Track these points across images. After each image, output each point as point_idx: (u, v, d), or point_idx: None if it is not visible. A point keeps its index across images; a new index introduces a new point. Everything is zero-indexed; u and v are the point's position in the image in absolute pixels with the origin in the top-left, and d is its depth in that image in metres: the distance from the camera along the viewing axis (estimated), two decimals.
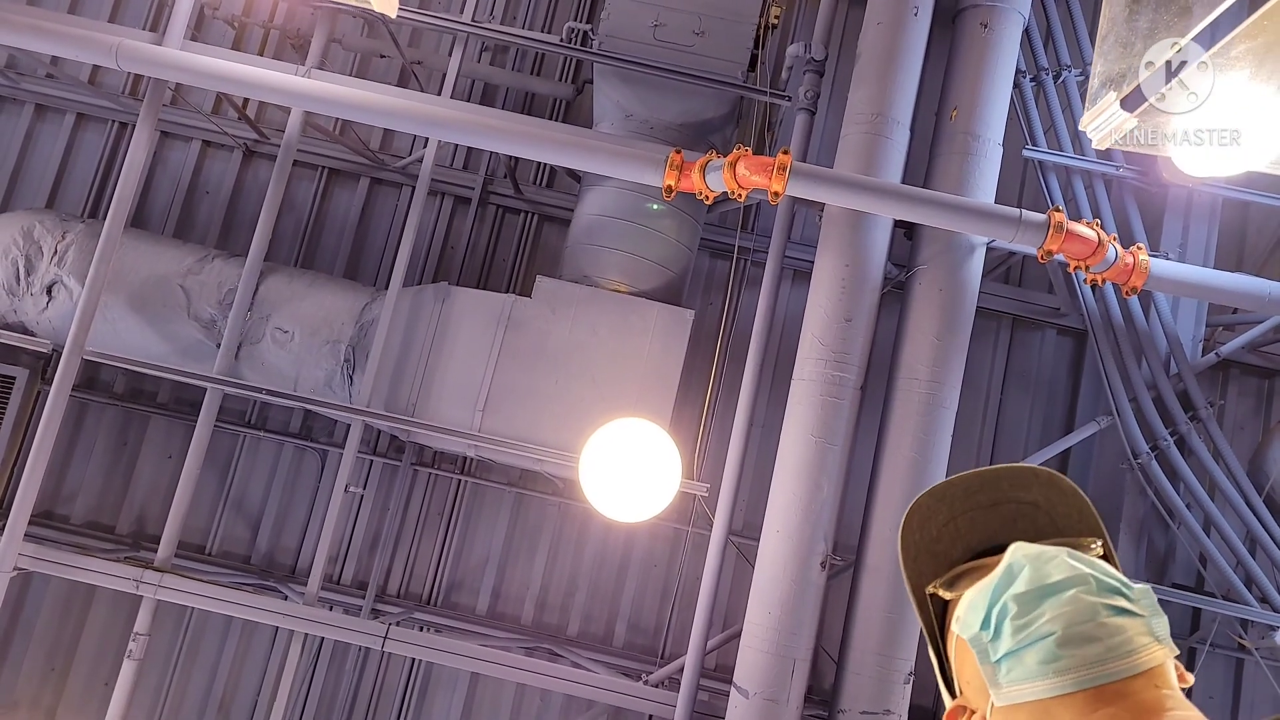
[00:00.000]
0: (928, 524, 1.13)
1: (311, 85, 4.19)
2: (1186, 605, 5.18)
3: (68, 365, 4.28)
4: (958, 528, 1.12)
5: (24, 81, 6.06)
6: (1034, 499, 1.13)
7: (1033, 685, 0.91)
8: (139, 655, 4.42)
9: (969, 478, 1.15)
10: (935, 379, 4.13)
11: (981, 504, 1.13)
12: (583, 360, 4.53)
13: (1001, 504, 1.13)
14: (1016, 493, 1.13)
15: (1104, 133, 1.80)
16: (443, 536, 5.87)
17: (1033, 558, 0.98)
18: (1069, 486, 1.14)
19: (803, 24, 6.21)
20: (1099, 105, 1.72)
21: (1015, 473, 1.14)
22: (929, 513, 1.14)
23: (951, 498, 1.14)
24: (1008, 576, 0.98)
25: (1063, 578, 0.95)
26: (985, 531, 1.11)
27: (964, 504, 1.13)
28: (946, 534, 1.12)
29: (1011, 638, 0.93)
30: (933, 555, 1.12)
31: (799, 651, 3.94)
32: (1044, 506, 1.12)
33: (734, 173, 3.81)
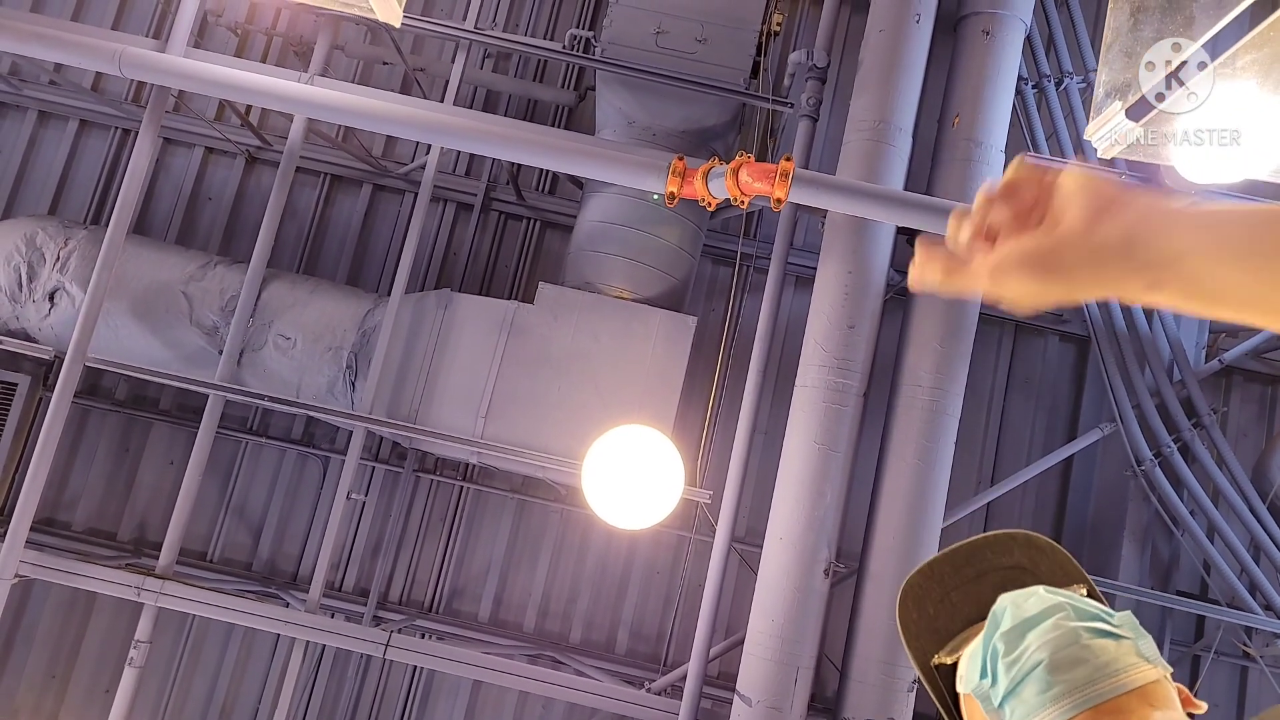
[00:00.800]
0: (923, 603, 1.18)
1: (314, 92, 4.20)
2: (1191, 613, 5.17)
3: (69, 372, 4.28)
4: (953, 603, 1.16)
5: (27, 88, 6.07)
6: (1017, 562, 1.17)
7: (1036, 718, 0.92)
8: (140, 663, 4.41)
9: (954, 553, 1.20)
10: (938, 386, 4.12)
11: (970, 577, 1.17)
12: (585, 367, 4.53)
13: (988, 573, 1.17)
14: (1000, 559, 1.18)
15: (1109, 142, 1.80)
16: (444, 543, 5.85)
17: (1011, 600, 1.02)
18: (1046, 544, 1.18)
19: (805, 31, 6.22)
20: (1104, 115, 1.73)
21: (995, 541, 1.19)
22: (922, 592, 1.18)
23: (941, 575, 1.18)
24: (993, 622, 1.01)
25: (1041, 609, 0.97)
26: (978, 602, 1.14)
27: (954, 579, 1.17)
28: (944, 611, 1.16)
29: (1006, 676, 0.95)
30: (933, 631, 1.16)
31: (802, 659, 3.93)
32: (1029, 567, 1.16)
33: (737, 179, 3.81)
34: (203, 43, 6.00)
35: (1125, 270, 0.72)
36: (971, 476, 5.76)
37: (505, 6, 6.30)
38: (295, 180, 5.77)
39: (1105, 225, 0.73)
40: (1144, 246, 0.71)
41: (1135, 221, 0.72)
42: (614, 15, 4.63)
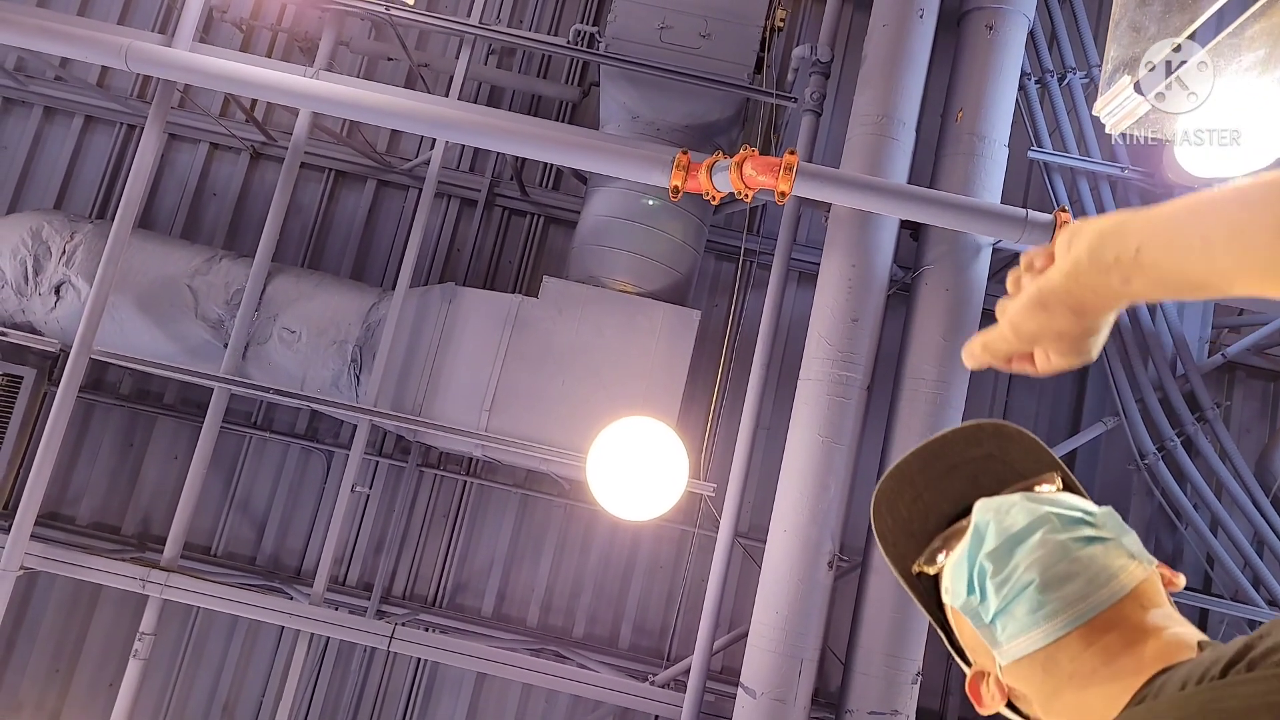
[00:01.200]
0: (896, 507, 1.14)
1: (319, 86, 4.21)
2: (1194, 606, 5.17)
3: (75, 365, 4.29)
4: (925, 502, 1.12)
5: (33, 84, 6.10)
6: (987, 452, 1.13)
7: (1029, 636, 0.91)
8: (144, 655, 4.43)
9: (920, 451, 1.15)
10: (941, 379, 4.13)
11: (940, 472, 1.13)
12: (589, 360, 4.54)
13: (959, 466, 1.13)
14: (969, 451, 1.14)
15: (1118, 117, 1.80)
16: (448, 538, 5.87)
17: (994, 511, 0.99)
18: (1015, 431, 1.15)
19: (808, 26, 6.23)
20: (1113, 90, 1.73)
21: (963, 433, 1.15)
22: (894, 495, 1.14)
23: (910, 475, 1.14)
24: (977, 538, 0.99)
25: (1026, 524, 0.95)
26: (952, 496, 1.12)
27: (924, 478, 1.13)
28: (917, 512, 1.12)
29: (996, 595, 0.94)
30: (909, 535, 1.12)
31: (806, 651, 3.93)
32: (999, 456, 1.13)
33: (741, 173, 3.82)
34: (208, 39, 6.02)
35: (1098, 275, 0.81)
36: None
37: (510, 2, 6.32)
38: (300, 176, 5.79)
39: (1074, 247, 0.83)
40: (1105, 250, 0.80)
41: (1095, 233, 0.82)
42: (618, 10, 4.64)
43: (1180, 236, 0.74)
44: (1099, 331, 0.89)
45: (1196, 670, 0.73)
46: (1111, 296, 0.83)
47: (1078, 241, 0.83)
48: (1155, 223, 0.77)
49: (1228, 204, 0.71)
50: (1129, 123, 1.83)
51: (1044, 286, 0.87)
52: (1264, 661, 0.67)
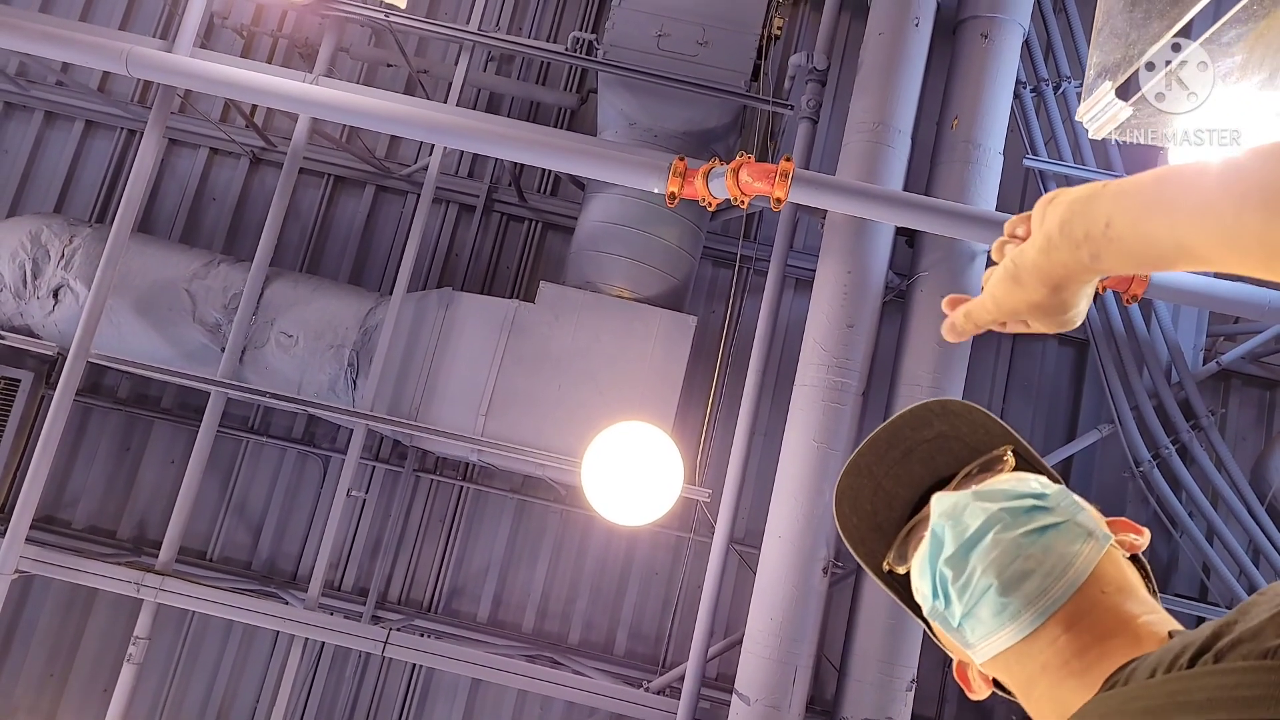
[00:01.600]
0: (859, 502, 1.12)
1: (318, 92, 4.23)
2: (1191, 615, 5.17)
3: (72, 368, 4.30)
4: (887, 491, 1.11)
5: (34, 89, 6.12)
6: (939, 431, 1.12)
7: (997, 637, 0.91)
8: (139, 659, 4.42)
9: (873, 440, 1.14)
10: (937, 385, 4.14)
11: (896, 459, 1.12)
12: (585, 365, 4.55)
13: (914, 450, 1.11)
14: (921, 433, 1.12)
15: (1100, 122, 1.81)
16: (444, 543, 5.87)
17: (948, 514, 0.98)
18: (962, 407, 1.13)
19: (805, 34, 6.26)
20: (1094, 95, 1.74)
21: (912, 416, 1.13)
22: (855, 491, 1.12)
23: (868, 467, 1.12)
24: (936, 543, 0.98)
25: (978, 525, 0.94)
26: (911, 481, 1.10)
27: (881, 467, 1.12)
28: (881, 503, 1.11)
29: (959, 600, 0.93)
30: (876, 529, 1.10)
31: (801, 658, 3.93)
32: (951, 434, 1.12)
33: (737, 179, 3.84)
34: (209, 44, 6.05)
35: (1068, 250, 0.82)
36: None
37: (509, 9, 6.35)
38: (299, 181, 5.81)
39: (1046, 221, 0.84)
40: (1074, 224, 0.81)
41: (1065, 207, 0.83)
42: (616, 18, 4.67)
43: (1148, 210, 0.75)
44: (1077, 303, 0.90)
45: (1166, 657, 0.73)
46: (1082, 270, 0.84)
47: (1050, 215, 0.84)
48: (1124, 196, 0.78)
49: (1195, 176, 0.71)
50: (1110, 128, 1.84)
51: (1018, 261, 0.88)
52: (1231, 653, 0.66)
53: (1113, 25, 1.62)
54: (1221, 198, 0.68)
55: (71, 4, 6.34)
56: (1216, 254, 0.70)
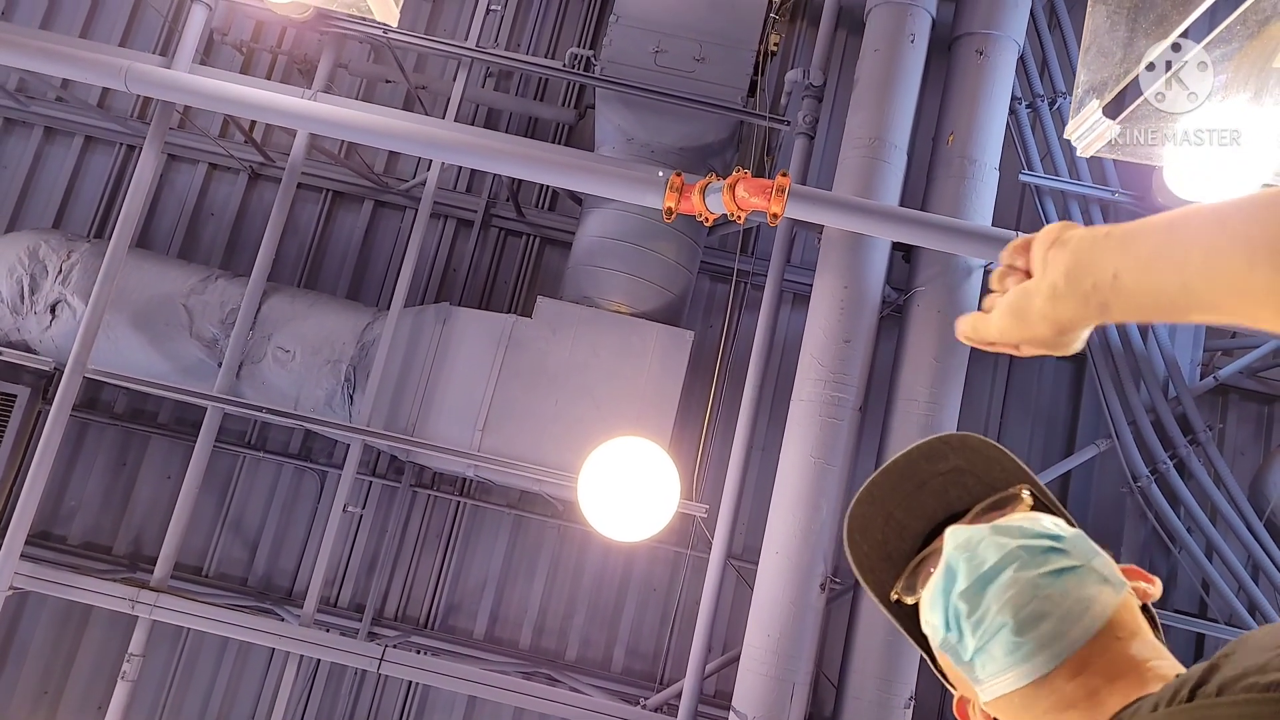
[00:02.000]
0: (869, 530, 1.12)
1: (316, 107, 4.25)
2: (1189, 631, 5.14)
3: (69, 384, 4.29)
4: (899, 522, 1.11)
5: (34, 104, 6.14)
6: (954, 465, 1.12)
7: (1007, 676, 0.90)
8: (133, 676, 4.40)
9: (887, 470, 1.14)
10: (934, 400, 4.14)
11: (909, 490, 1.12)
12: (583, 380, 4.54)
13: (928, 482, 1.11)
14: (936, 465, 1.12)
15: (1088, 140, 1.82)
16: (441, 559, 5.84)
17: (963, 547, 0.97)
18: (980, 442, 1.13)
19: (802, 51, 6.29)
20: (1082, 113, 1.75)
21: (928, 448, 1.13)
22: (866, 520, 1.12)
23: (881, 497, 1.13)
24: (949, 575, 0.97)
25: (995, 561, 0.93)
26: (923, 513, 1.10)
27: (894, 497, 1.12)
28: (891, 533, 1.11)
29: (972, 636, 0.92)
30: (886, 559, 1.10)
31: (798, 675, 3.91)
32: (967, 469, 1.11)
33: (733, 194, 3.85)
34: (208, 60, 6.07)
35: (1076, 302, 0.81)
36: None
37: (507, 25, 6.38)
38: (297, 196, 5.82)
39: (1050, 270, 0.83)
40: (1081, 275, 0.80)
41: (1070, 255, 0.81)
42: (614, 34, 4.69)
43: (1157, 260, 0.73)
44: (1080, 337, 0.89)
45: (1166, 693, 0.73)
46: (1092, 319, 0.83)
47: (1054, 262, 0.83)
48: (1131, 244, 0.76)
49: (1203, 224, 0.70)
50: (1099, 146, 1.84)
51: (1023, 304, 0.88)
52: (1234, 686, 0.67)
53: (1100, 44, 1.63)
54: (1231, 248, 0.67)
55: (72, 20, 6.37)
56: (1228, 305, 0.68)
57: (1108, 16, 1.59)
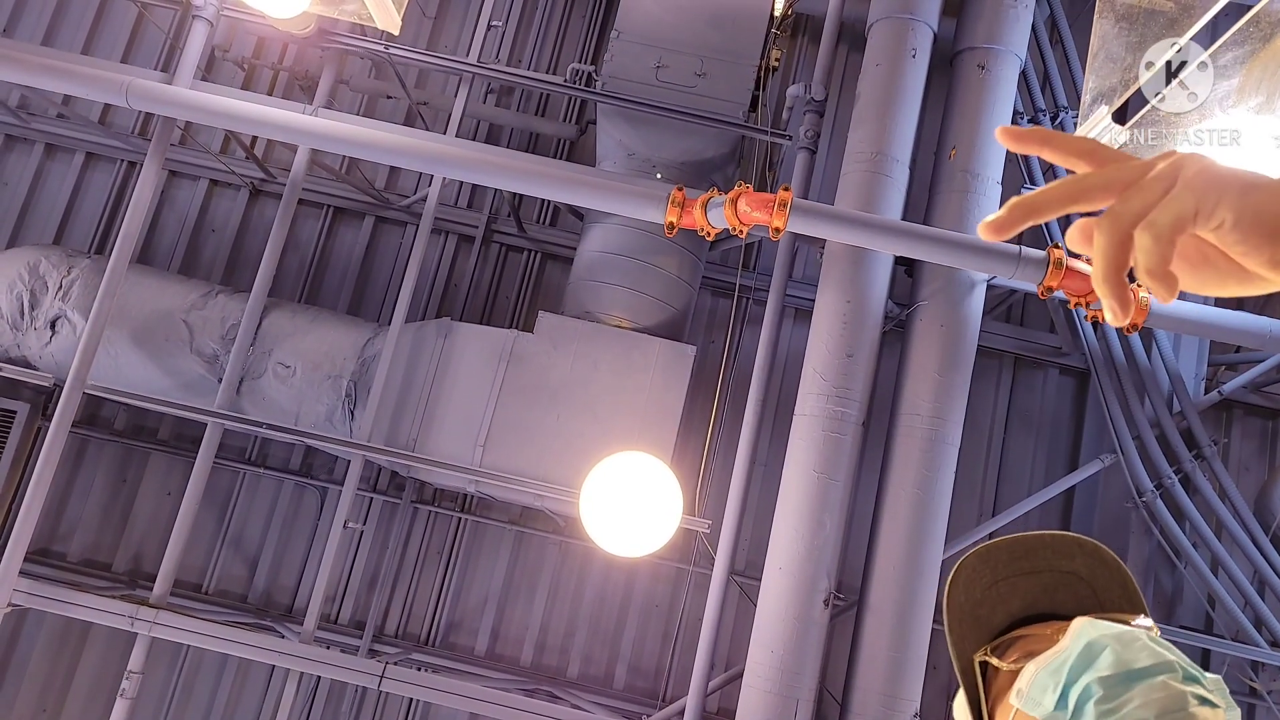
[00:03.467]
0: (972, 587, 1.13)
1: (317, 123, 4.25)
2: (1196, 647, 5.10)
3: (68, 400, 4.28)
4: (999, 593, 1.12)
5: (35, 121, 6.15)
6: (1076, 568, 1.12)
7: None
8: (132, 694, 4.36)
9: (1013, 542, 1.15)
10: (937, 415, 4.11)
11: (1024, 570, 1.13)
12: (584, 396, 4.53)
13: (1043, 571, 1.13)
14: (1059, 561, 1.13)
15: None
16: (442, 575, 5.81)
17: (1114, 639, 0.96)
18: (1112, 559, 1.13)
19: (803, 66, 6.30)
20: (1091, 120, 1.74)
21: (1060, 540, 1.14)
22: (974, 575, 1.13)
23: (995, 561, 1.14)
24: (1087, 657, 0.95)
25: (1151, 663, 0.92)
26: (1026, 598, 1.11)
27: (1007, 569, 1.13)
28: (989, 598, 1.12)
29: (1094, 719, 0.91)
30: (975, 620, 1.11)
31: (802, 691, 3.88)
32: (1085, 577, 1.12)
33: (735, 209, 3.83)
34: (210, 77, 6.09)
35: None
36: (973, 508, 5.73)
37: (509, 41, 6.39)
38: (298, 212, 5.82)
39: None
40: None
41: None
42: (615, 50, 4.70)
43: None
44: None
45: None
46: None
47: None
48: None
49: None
50: None
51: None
52: None
53: (1108, 50, 1.62)
54: None
55: (74, 37, 6.39)
56: None
57: (1115, 23, 1.59)
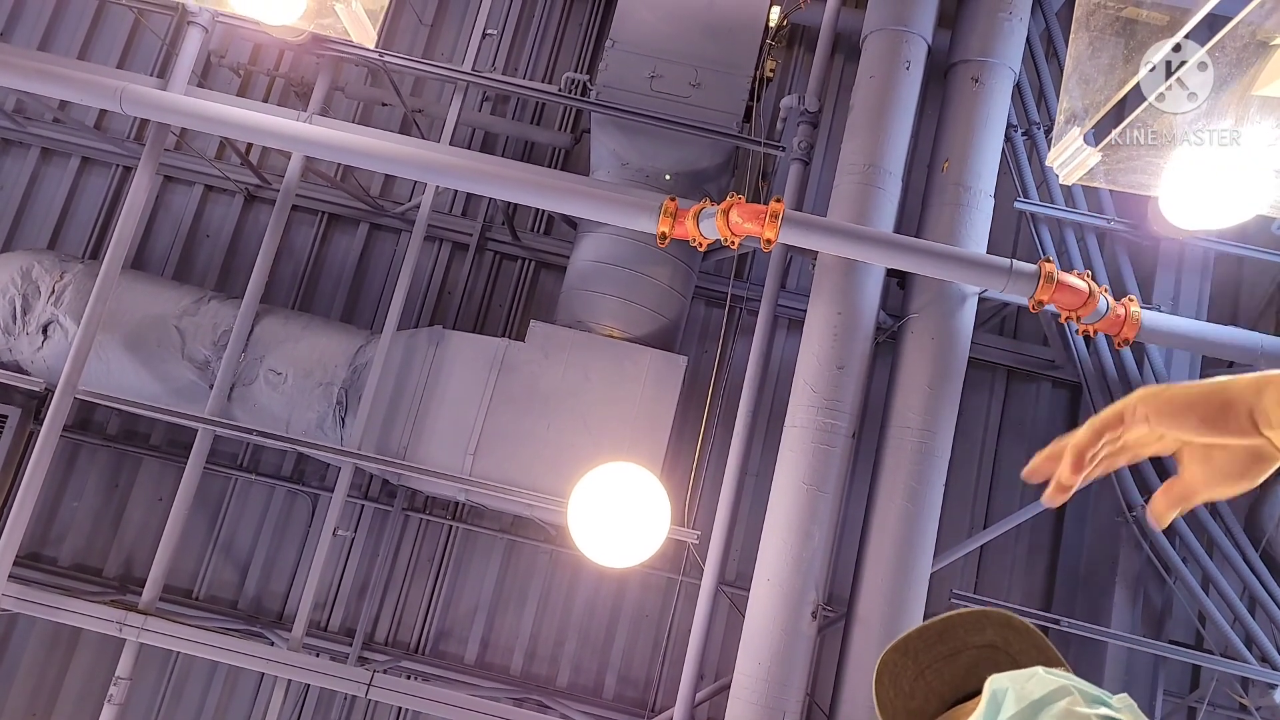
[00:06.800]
0: (899, 680, 1.15)
1: (311, 130, 4.25)
2: (1186, 663, 5.10)
3: (59, 404, 4.27)
4: (927, 682, 1.14)
5: (31, 125, 6.15)
6: (990, 640, 1.15)
7: None
8: (120, 700, 4.35)
9: (926, 629, 1.18)
10: (927, 427, 4.11)
11: (943, 654, 1.15)
12: (575, 405, 4.52)
13: (961, 651, 1.15)
14: (973, 637, 1.16)
15: (1070, 168, 1.81)
16: (432, 583, 5.80)
17: (1012, 679, 0.97)
18: (1022, 625, 1.16)
19: (798, 77, 6.31)
20: (1063, 141, 1.75)
21: (969, 618, 1.17)
22: (898, 669, 1.16)
23: (915, 651, 1.16)
24: (993, 704, 0.95)
25: (1048, 691, 0.92)
26: (952, 681, 1.13)
27: (928, 656, 1.16)
28: (918, 690, 1.14)
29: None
30: (909, 713, 1.14)
31: (789, 704, 3.87)
32: (1002, 647, 1.15)
33: (727, 220, 3.85)
34: (206, 83, 6.08)
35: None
36: (964, 521, 5.72)
37: (504, 50, 6.40)
38: (293, 218, 5.82)
39: (1263, 425, 0.84)
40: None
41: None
42: (609, 59, 4.71)
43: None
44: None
45: None
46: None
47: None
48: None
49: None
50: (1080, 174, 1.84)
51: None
52: None
53: (1081, 71, 1.63)
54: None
55: (71, 42, 6.39)
56: None
57: (1089, 44, 1.60)
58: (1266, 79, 1.64)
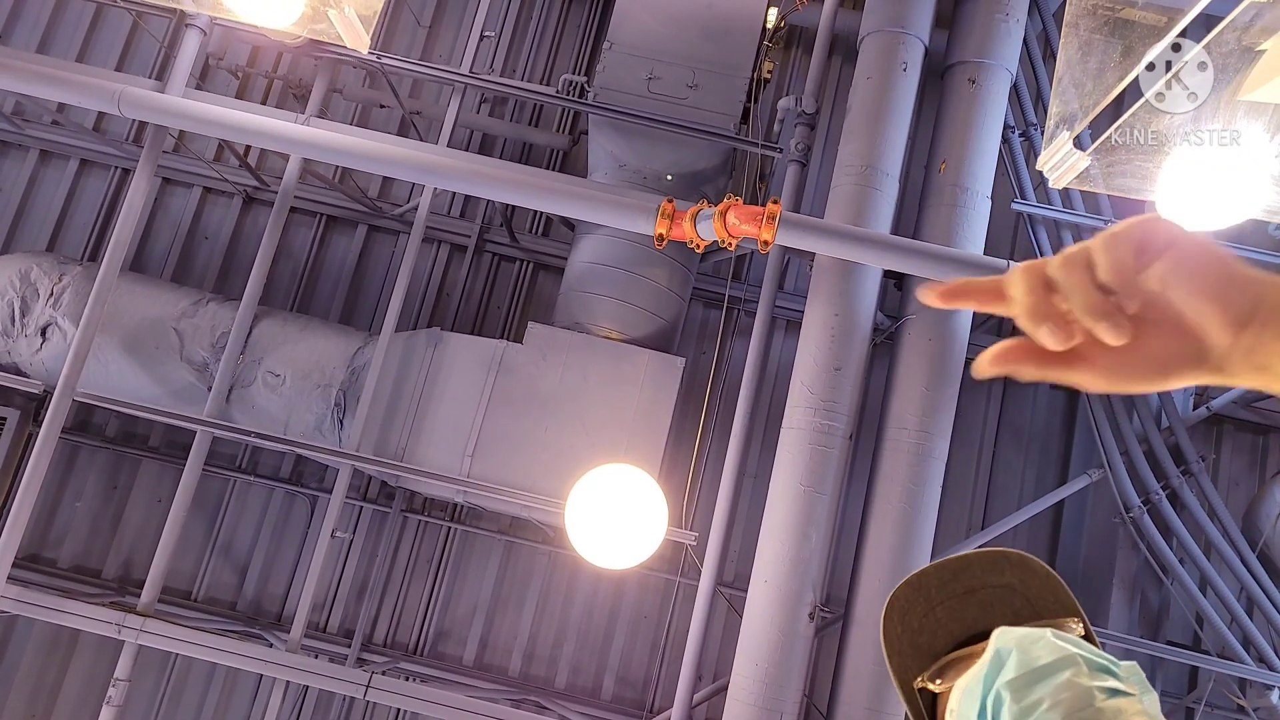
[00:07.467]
0: (908, 616, 1.13)
1: (310, 132, 4.26)
2: (1183, 663, 5.10)
3: (58, 406, 4.28)
4: (937, 618, 1.12)
5: (30, 128, 6.15)
6: (1008, 582, 1.13)
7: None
8: (119, 701, 4.35)
9: (942, 566, 1.15)
10: (924, 429, 4.12)
11: (957, 592, 1.13)
12: (573, 407, 4.53)
13: (977, 590, 1.13)
14: (990, 577, 1.13)
15: (1060, 172, 1.82)
16: (431, 585, 5.80)
17: (1018, 640, 0.96)
18: (1041, 568, 1.14)
19: (795, 78, 6.32)
20: (1054, 145, 1.75)
21: (987, 557, 1.15)
22: (908, 605, 1.14)
23: (927, 588, 1.14)
24: (996, 663, 0.96)
25: (1053, 660, 0.92)
26: (964, 620, 1.12)
27: (940, 594, 1.13)
28: (928, 625, 1.12)
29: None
30: (915, 648, 1.12)
31: (786, 705, 3.87)
32: (1019, 589, 1.13)
33: (724, 221, 3.85)
34: (204, 85, 6.08)
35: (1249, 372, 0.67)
36: (962, 522, 5.73)
37: (502, 52, 6.41)
38: (291, 220, 5.82)
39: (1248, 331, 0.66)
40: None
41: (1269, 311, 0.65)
42: (607, 61, 4.71)
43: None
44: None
45: None
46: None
47: (1251, 325, 0.65)
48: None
49: None
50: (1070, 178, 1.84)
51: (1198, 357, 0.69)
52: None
53: (1071, 75, 1.63)
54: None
55: (70, 45, 6.40)
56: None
57: (1079, 48, 1.60)
58: (1253, 84, 1.64)
